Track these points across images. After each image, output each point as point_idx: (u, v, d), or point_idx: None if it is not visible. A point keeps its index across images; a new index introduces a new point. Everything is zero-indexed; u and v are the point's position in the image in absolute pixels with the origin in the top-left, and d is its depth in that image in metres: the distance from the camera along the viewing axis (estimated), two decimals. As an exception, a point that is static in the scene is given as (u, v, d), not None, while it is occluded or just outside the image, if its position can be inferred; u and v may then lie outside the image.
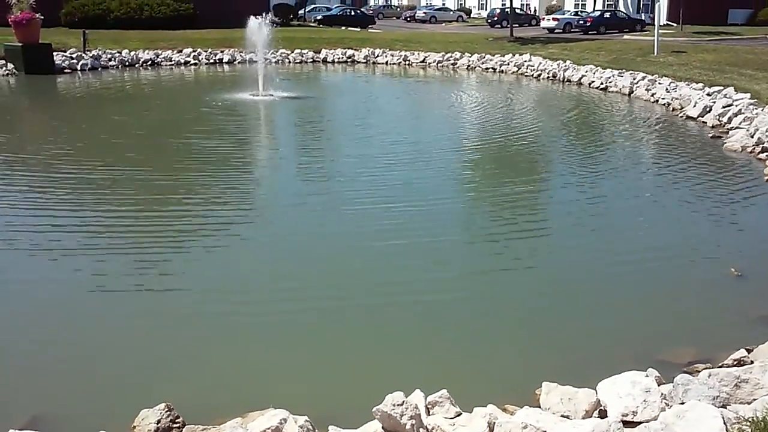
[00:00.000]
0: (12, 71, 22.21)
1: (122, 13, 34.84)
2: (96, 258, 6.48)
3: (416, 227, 7.46)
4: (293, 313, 5.49)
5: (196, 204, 8.30)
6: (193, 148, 11.46)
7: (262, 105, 16.81)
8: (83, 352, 4.87)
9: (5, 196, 8.63)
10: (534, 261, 6.65)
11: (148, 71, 24.66)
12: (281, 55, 27.98)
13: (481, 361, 4.82)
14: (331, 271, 6.35)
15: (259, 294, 5.87)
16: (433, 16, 62.48)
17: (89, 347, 4.94)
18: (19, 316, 5.40)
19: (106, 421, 3.93)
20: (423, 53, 29.26)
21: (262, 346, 4.99)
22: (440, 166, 10.55)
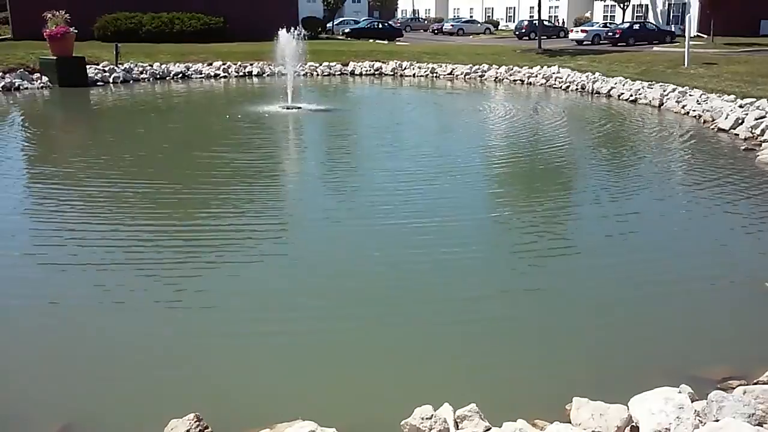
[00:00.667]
0: (47, 84, 22.67)
1: (154, 26, 35.40)
2: (122, 272, 6.51)
3: (444, 243, 7.36)
4: (322, 326, 5.49)
5: (223, 218, 8.29)
6: (221, 161, 11.48)
7: (291, 117, 16.91)
8: (113, 363, 4.91)
9: (30, 208, 8.78)
10: (564, 276, 6.57)
11: (178, 84, 24.99)
12: (309, 67, 28.18)
13: (511, 375, 4.77)
14: (359, 285, 6.33)
15: (287, 307, 5.86)
16: (461, 29, 62.57)
17: (118, 358, 4.98)
18: (49, 328, 5.47)
19: (137, 429, 3.97)
20: (450, 65, 29.27)
21: (291, 359, 4.99)
22: (468, 180, 10.47)
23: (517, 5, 65.76)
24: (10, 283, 6.31)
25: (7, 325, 5.48)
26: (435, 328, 5.46)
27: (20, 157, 12.39)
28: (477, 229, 8.06)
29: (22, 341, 5.20)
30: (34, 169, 11.21)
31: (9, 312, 5.70)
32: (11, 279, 6.41)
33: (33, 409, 4.34)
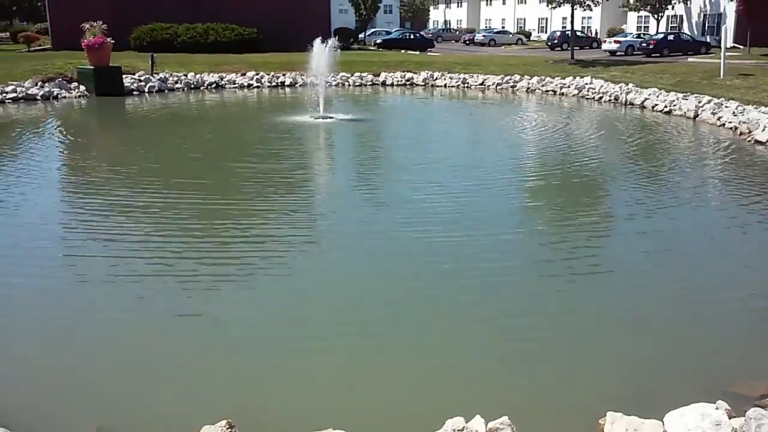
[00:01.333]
0: (84, 93, 23.11)
1: (188, 37, 35.89)
2: (153, 281, 6.57)
3: (476, 258, 7.28)
4: (354, 337, 5.50)
5: (252, 230, 8.28)
6: (252, 171, 11.53)
7: (322, 127, 17.00)
8: (148, 369, 4.99)
9: (60, 218, 8.96)
10: (599, 291, 6.51)
11: (212, 94, 25.29)
12: (341, 78, 28.33)
13: (544, 388, 4.72)
14: (389, 297, 6.32)
15: (319, 319, 5.86)
16: (492, 39, 62.45)
17: (153, 364, 5.05)
18: (85, 333, 5.56)
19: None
20: (482, 76, 29.21)
21: (323, 368, 5.01)
22: (501, 192, 10.38)
23: (550, 16, 65.42)
24: (46, 290, 6.42)
25: (46, 330, 5.58)
26: (467, 341, 5.43)
27: (54, 165, 12.66)
28: (510, 243, 7.91)
29: (61, 346, 5.30)
30: (66, 177, 11.48)
31: (46, 317, 5.81)
32: (46, 286, 6.52)
33: (70, 411, 4.42)
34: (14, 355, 5.18)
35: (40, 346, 5.31)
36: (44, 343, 5.34)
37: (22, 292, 6.33)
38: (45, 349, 5.24)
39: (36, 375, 4.87)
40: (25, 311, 5.91)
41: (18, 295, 6.26)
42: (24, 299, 6.17)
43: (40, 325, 5.65)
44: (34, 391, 4.65)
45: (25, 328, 5.59)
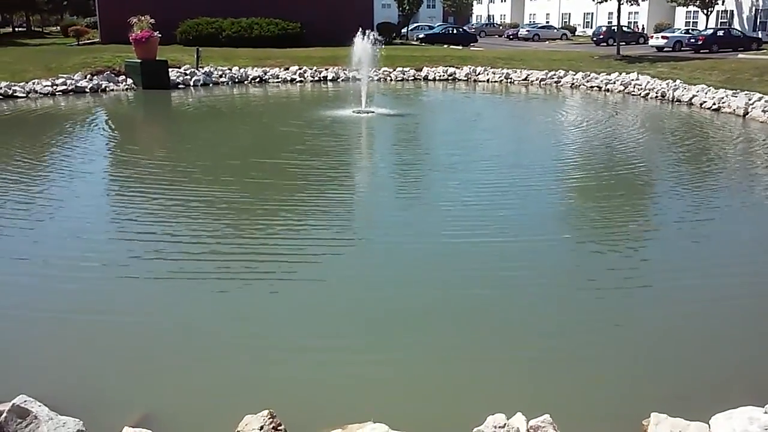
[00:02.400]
0: (131, 86, 23.56)
1: (233, 31, 36.27)
2: (195, 278, 6.66)
3: (518, 260, 7.11)
4: (396, 334, 5.51)
5: (291, 227, 8.23)
6: (292, 167, 11.51)
7: (364, 122, 17.04)
8: (192, 359, 5.08)
9: (97, 213, 9.12)
10: (646, 291, 6.39)
11: (255, 88, 25.51)
12: (383, 72, 28.33)
13: (588, 387, 4.67)
14: (430, 295, 6.28)
15: (358, 315, 5.88)
16: (537, 34, 61.81)
17: (197, 355, 5.15)
18: (130, 325, 5.68)
19: (212, 423, 4.08)
20: (525, 71, 28.94)
21: (366, 361, 5.04)
22: (543, 194, 10.01)
23: (595, 11, 64.40)
24: (90, 279, 6.58)
25: (94, 317, 5.72)
26: (509, 340, 5.39)
27: (97, 157, 12.92)
28: (554, 247, 7.62)
29: (108, 335, 5.43)
30: (108, 169, 11.75)
31: (93, 305, 5.95)
32: (90, 276, 6.67)
33: (117, 397, 4.52)
34: (63, 341, 5.32)
35: (88, 334, 5.45)
36: (92, 331, 5.48)
37: (67, 282, 6.48)
38: (93, 337, 5.38)
39: (85, 362, 5.00)
40: (73, 299, 6.07)
41: (63, 286, 6.41)
42: (69, 288, 6.32)
43: (88, 313, 5.79)
44: (83, 378, 4.77)
45: (74, 316, 5.74)
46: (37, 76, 23.26)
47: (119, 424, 3.98)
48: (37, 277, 6.58)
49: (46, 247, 7.45)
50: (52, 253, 7.24)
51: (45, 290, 6.25)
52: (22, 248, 7.41)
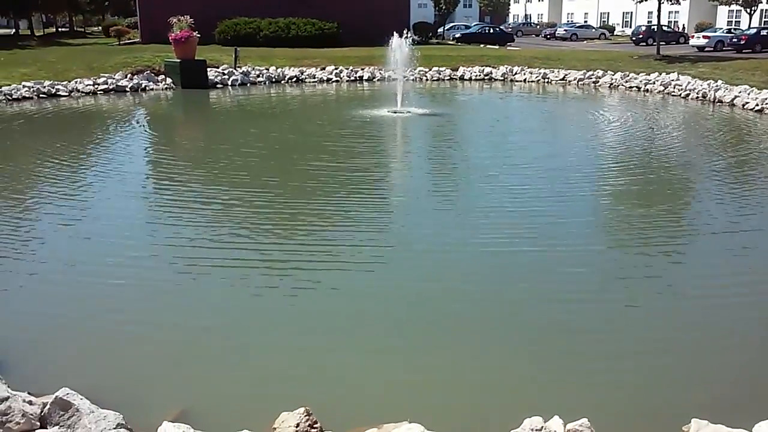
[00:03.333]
0: (170, 85, 23.90)
1: (271, 31, 36.56)
2: (232, 276, 6.72)
3: (558, 267, 6.89)
4: (434, 336, 5.48)
5: (323, 231, 8.15)
6: (327, 169, 11.40)
7: (400, 122, 17.02)
8: (229, 356, 5.14)
9: (135, 211, 9.30)
10: (687, 298, 6.25)
11: (292, 88, 25.68)
12: (419, 72, 28.29)
13: (627, 391, 4.60)
14: (469, 299, 6.23)
15: (395, 316, 5.87)
16: (574, 34, 61.22)
17: (233, 351, 5.21)
18: (164, 322, 5.79)
19: (248, 420, 4.11)
20: (563, 71, 28.66)
21: (402, 362, 5.04)
22: (583, 199, 9.78)
23: (635, 10, 63.50)
24: (129, 276, 6.69)
25: (134, 315, 5.82)
26: (547, 344, 5.33)
27: (131, 157, 13.10)
28: (596, 255, 7.35)
29: (147, 333, 5.52)
30: (141, 170, 11.88)
31: (134, 303, 6.05)
32: (129, 274, 6.78)
33: (155, 394, 4.60)
34: (105, 337, 5.42)
35: (128, 330, 5.54)
36: (132, 328, 5.57)
37: (108, 280, 6.59)
38: (133, 334, 5.47)
39: (125, 358, 5.08)
40: (113, 297, 6.17)
41: (105, 283, 6.52)
42: (110, 286, 6.43)
43: (128, 311, 5.89)
44: (123, 373, 4.86)
45: (114, 314, 5.83)
46: (80, 75, 23.73)
47: (158, 418, 4.04)
48: (79, 275, 6.71)
49: (86, 246, 7.60)
50: (92, 252, 7.38)
51: (86, 288, 6.38)
52: (62, 246, 7.57)
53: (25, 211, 8.90)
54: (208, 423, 4.13)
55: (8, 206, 9.04)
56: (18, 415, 3.92)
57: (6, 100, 20.37)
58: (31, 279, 6.60)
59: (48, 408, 4.06)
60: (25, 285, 6.46)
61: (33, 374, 4.75)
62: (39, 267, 6.90)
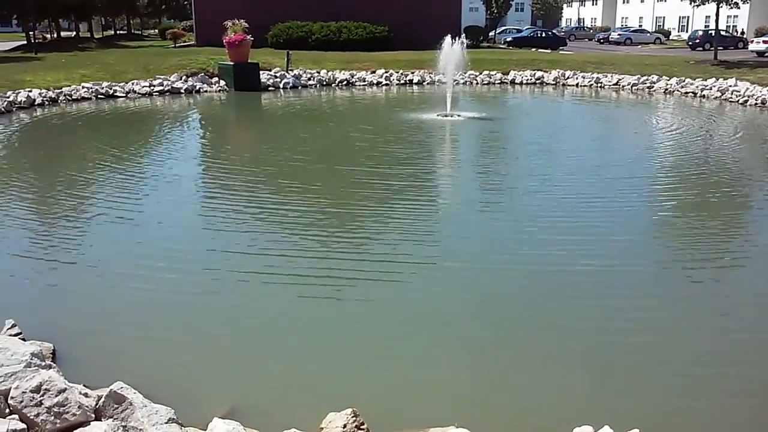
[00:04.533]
0: (224, 87, 24.31)
1: (322, 35, 36.85)
2: (280, 281, 6.77)
3: (613, 293, 6.45)
4: (484, 343, 5.44)
5: (370, 238, 8.15)
6: (373, 173, 11.30)
7: (449, 125, 16.96)
8: (278, 356, 5.21)
9: (182, 212, 9.47)
10: (744, 319, 5.98)
11: (342, 91, 25.84)
12: (469, 76, 28.18)
13: (680, 405, 4.50)
14: (520, 313, 6.15)
15: (445, 320, 5.85)
16: (629, 38, 60.18)
17: (283, 352, 5.29)
18: (216, 321, 5.89)
19: (296, 419, 4.15)
20: (616, 76, 28.17)
21: (451, 367, 5.03)
22: (639, 213, 9.23)
23: (691, 14, 62.14)
24: (183, 278, 6.83)
25: (187, 314, 5.94)
26: (598, 356, 5.24)
27: (183, 158, 13.44)
28: (650, 275, 6.95)
29: (199, 332, 5.64)
30: (194, 171, 12.11)
31: (188, 303, 6.18)
32: (184, 277, 6.93)
33: (206, 390, 4.69)
34: (159, 334, 5.56)
35: (181, 329, 5.68)
36: (185, 326, 5.71)
37: (163, 275, 6.76)
38: (186, 332, 5.60)
39: (178, 354, 5.21)
40: (168, 295, 6.32)
41: (159, 280, 6.68)
42: (165, 283, 6.58)
43: (181, 309, 6.03)
44: (175, 369, 4.98)
45: (168, 311, 5.98)
46: (136, 77, 24.32)
47: (209, 414, 4.11)
48: (134, 271, 6.88)
49: (141, 244, 7.78)
50: (147, 250, 7.57)
51: (141, 284, 6.52)
52: (118, 243, 7.78)
53: (82, 208, 9.17)
54: (256, 420, 4.19)
55: (67, 202, 9.32)
56: (74, 406, 4.03)
57: (66, 101, 21.02)
58: (87, 274, 6.80)
59: (103, 401, 4.17)
60: (82, 279, 6.67)
61: (88, 367, 4.89)
62: (95, 262, 7.10)
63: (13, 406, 4.05)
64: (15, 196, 9.81)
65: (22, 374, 4.28)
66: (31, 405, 4.01)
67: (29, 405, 4.01)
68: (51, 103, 20.56)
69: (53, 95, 20.99)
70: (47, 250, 7.47)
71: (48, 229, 8.27)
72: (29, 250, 7.44)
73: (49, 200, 9.58)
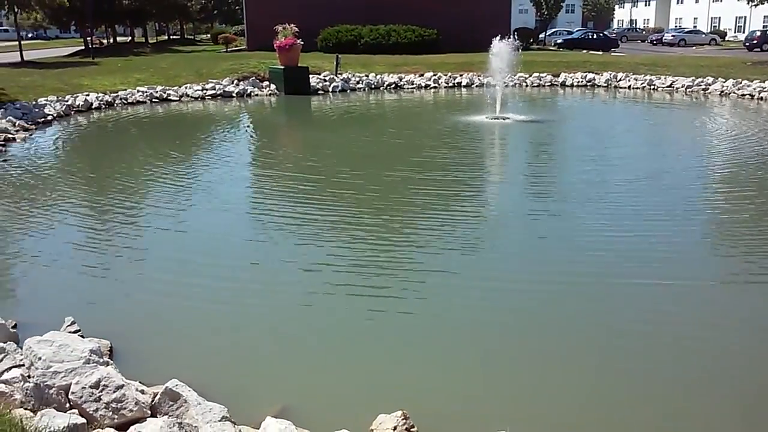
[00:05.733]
0: (274, 91, 24.61)
1: (371, 38, 36.98)
2: (328, 287, 6.88)
3: (669, 311, 5.98)
4: (542, 350, 5.37)
5: (418, 245, 8.13)
6: (420, 178, 11.06)
7: (498, 129, 16.83)
8: (329, 357, 5.25)
9: (236, 213, 9.62)
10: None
11: (390, 94, 25.89)
12: (519, 78, 27.94)
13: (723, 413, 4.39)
14: (579, 320, 6.08)
15: (502, 329, 5.79)
16: (683, 39, 58.93)
17: (334, 353, 5.32)
18: (269, 322, 5.97)
19: (347, 419, 4.18)
20: (670, 78, 27.59)
21: (503, 373, 4.99)
22: (701, 221, 8.87)
23: (749, 14, 60.50)
24: (238, 280, 6.95)
25: (244, 315, 6.04)
26: (656, 374, 5.11)
27: (237, 162, 13.64)
28: (712, 292, 6.49)
29: (253, 332, 5.72)
30: (244, 174, 12.35)
31: (243, 305, 6.29)
32: (238, 277, 7.04)
33: (258, 390, 4.76)
34: (214, 333, 5.66)
35: (236, 328, 5.77)
36: (239, 326, 5.79)
37: (219, 273, 6.89)
38: (240, 332, 5.68)
39: (232, 353, 5.30)
40: (222, 294, 6.42)
41: (213, 278, 6.80)
42: (220, 282, 6.70)
43: (235, 309, 6.13)
44: (229, 368, 5.06)
45: (222, 311, 6.08)
46: (189, 81, 24.83)
47: (261, 413, 4.17)
48: (189, 269, 7.04)
49: (196, 248, 7.93)
50: (201, 249, 7.72)
51: (195, 283, 6.65)
52: (174, 242, 7.97)
53: (138, 207, 9.40)
54: (308, 420, 4.23)
55: (122, 203, 9.56)
56: (131, 402, 4.13)
57: (122, 104, 21.56)
58: (144, 272, 6.98)
59: (158, 398, 4.27)
60: (139, 278, 6.83)
61: (143, 365, 5.00)
62: (152, 261, 7.29)
63: (73, 401, 4.17)
64: (74, 197, 10.11)
65: (82, 370, 4.41)
66: (90, 400, 4.13)
67: (89, 400, 4.13)
68: (107, 106, 21.12)
69: (109, 99, 21.56)
70: (103, 249, 7.67)
71: (105, 229, 8.49)
72: (86, 250, 7.66)
73: (106, 201, 9.81)
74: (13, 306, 6.14)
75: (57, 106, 19.42)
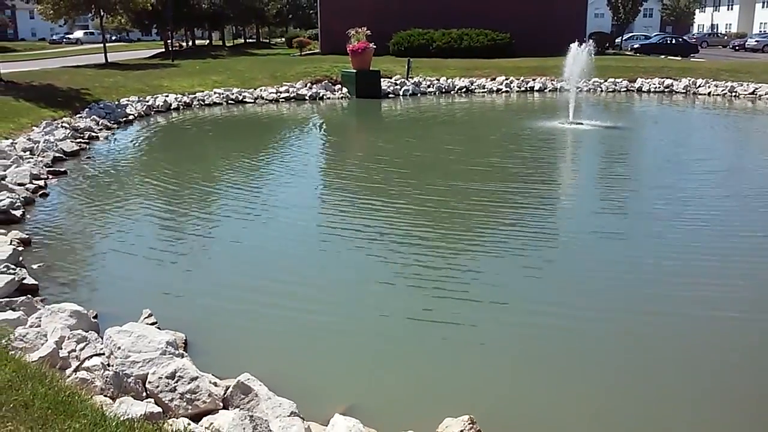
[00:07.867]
0: (346, 94, 24.87)
1: (443, 42, 36.89)
2: (403, 290, 6.96)
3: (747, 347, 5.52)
4: (611, 360, 5.32)
5: (483, 252, 8.11)
6: (487, 191, 10.53)
7: (570, 134, 16.53)
8: (398, 359, 5.31)
9: (307, 213, 9.75)
10: None
11: (461, 98, 25.75)
12: (593, 83, 27.42)
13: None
14: (653, 349, 5.85)
15: (572, 342, 5.70)
16: (767, 45, 56.55)
17: (403, 357, 5.37)
18: (340, 324, 6.07)
19: (413, 421, 4.21)
20: (753, 85, 26.54)
21: (575, 385, 4.92)
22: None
23: (841, 18, 57.67)
24: (315, 280, 7.04)
25: (312, 315, 6.13)
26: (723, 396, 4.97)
27: (302, 163, 13.79)
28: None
29: (325, 331, 5.82)
30: (314, 174, 12.55)
31: (311, 304, 6.37)
32: (313, 276, 7.13)
33: (327, 388, 4.83)
34: (286, 331, 5.78)
35: (308, 326, 5.87)
36: (311, 325, 5.89)
37: (288, 281, 7.03)
38: (311, 330, 5.78)
39: (302, 351, 5.41)
40: (295, 294, 6.56)
41: (285, 284, 6.94)
42: (292, 284, 6.83)
43: (306, 307, 6.23)
44: (299, 365, 5.17)
45: (295, 309, 6.20)
46: (264, 83, 25.33)
47: (329, 410, 4.23)
48: (263, 267, 7.24)
49: (271, 246, 8.12)
50: (275, 252, 7.90)
51: (269, 281, 6.83)
52: (250, 240, 8.15)
53: (214, 206, 9.66)
54: (375, 419, 4.26)
55: (198, 201, 9.84)
56: (205, 394, 4.26)
57: (199, 105, 22.20)
58: (220, 268, 7.17)
59: (230, 390, 4.38)
60: (215, 274, 7.02)
61: (217, 358, 5.13)
62: (228, 258, 7.50)
63: (150, 390, 4.33)
64: (153, 193, 10.46)
65: (159, 361, 4.57)
66: (166, 390, 4.27)
67: (164, 390, 4.27)
68: (185, 107, 21.78)
69: (188, 100, 22.23)
70: (178, 246, 7.93)
71: (182, 225, 8.76)
72: (163, 244, 7.95)
73: (184, 197, 10.11)
74: (94, 297, 6.40)
75: (138, 106, 20.14)
